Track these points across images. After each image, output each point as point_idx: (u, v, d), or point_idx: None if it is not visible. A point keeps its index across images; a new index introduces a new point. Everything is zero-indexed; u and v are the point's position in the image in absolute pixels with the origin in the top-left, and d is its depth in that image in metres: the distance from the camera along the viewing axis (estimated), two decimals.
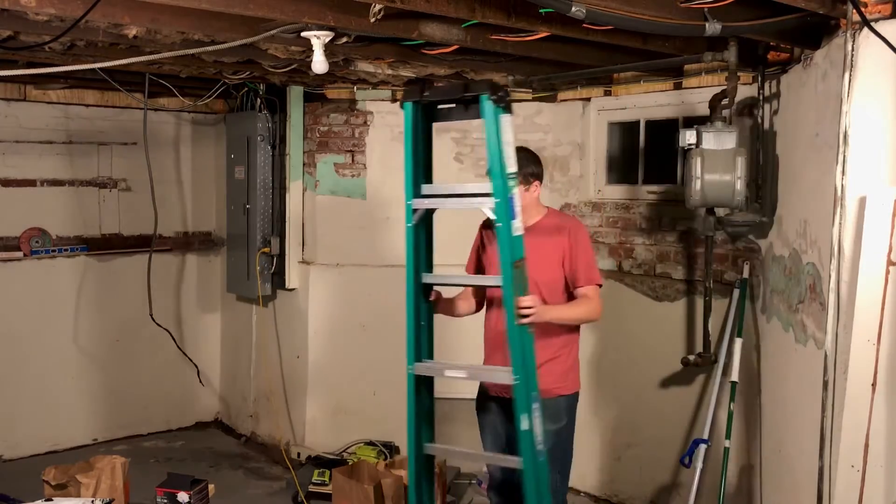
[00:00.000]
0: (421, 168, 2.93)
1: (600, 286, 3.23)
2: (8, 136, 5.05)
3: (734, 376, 3.83)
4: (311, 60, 3.11)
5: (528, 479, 2.80)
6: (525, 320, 2.77)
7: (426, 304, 2.99)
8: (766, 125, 3.76)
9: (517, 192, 2.73)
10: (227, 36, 3.13)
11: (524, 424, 2.74)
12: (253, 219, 5.24)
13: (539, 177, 3.25)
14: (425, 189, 2.90)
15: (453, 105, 2.82)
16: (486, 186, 2.73)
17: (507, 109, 2.70)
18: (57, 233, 5.28)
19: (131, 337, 5.55)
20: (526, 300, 2.78)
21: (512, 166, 2.70)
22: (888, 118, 2.59)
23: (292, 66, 3.98)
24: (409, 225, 2.91)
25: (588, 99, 4.65)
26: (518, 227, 2.74)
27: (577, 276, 3.17)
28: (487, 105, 2.64)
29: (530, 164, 3.19)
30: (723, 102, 3.54)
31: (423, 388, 2.98)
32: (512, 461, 2.90)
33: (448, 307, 3.25)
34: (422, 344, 2.99)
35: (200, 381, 5.78)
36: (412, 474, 3.06)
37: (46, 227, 5.23)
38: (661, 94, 4.28)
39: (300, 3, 2.71)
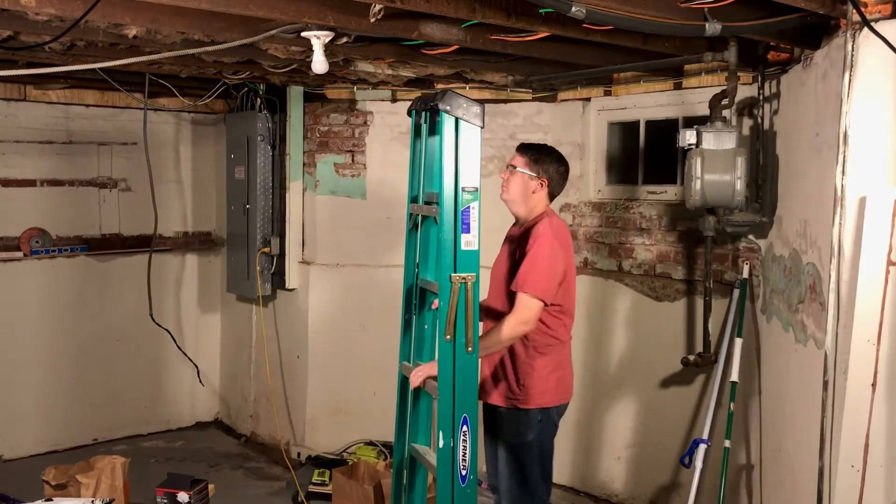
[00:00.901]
0: (420, 174, 2.94)
1: (542, 301, 2.98)
2: (8, 136, 5.05)
3: (734, 376, 3.83)
4: (311, 60, 3.11)
5: (440, 500, 2.72)
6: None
7: (430, 309, 2.97)
8: (766, 125, 3.76)
9: (474, 206, 2.69)
10: (227, 36, 3.13)
11: (440, 442, 2.70)
12: (253, 219, 5.24)
13: (549, 176, 3.16)
14: (427, 195, 2.94)
15: None
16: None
17: (475, 121, 2.67)
18: (57, 233, 5.28)
19: (131, 337, 5.55)
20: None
21: (471, 181, 2.68)
22: (888, 118, 2.59)
23: (292, 66, 3.98)
24: (407, 229, 3.01)
25: (588, 99, 4.65)
26: (471, 242, 2.69)
27: (516, 280, 3.01)
28: (444, 116, 2.64)
29: (546, 162, 3.16)
30: (723, 102, 3.55)
31: (419, 388, 2.99)
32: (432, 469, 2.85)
33: None
34: (410, 345, 3.01)
35: (200, 381, 5.78)
36: (394, 469, 3.10)
37: (46, 227, 5.23)
38: (661, 94, 4.28)
39: (300, 3, 2.71)
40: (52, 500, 3.67)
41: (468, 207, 2.68)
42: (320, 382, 5.13)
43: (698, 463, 3.80)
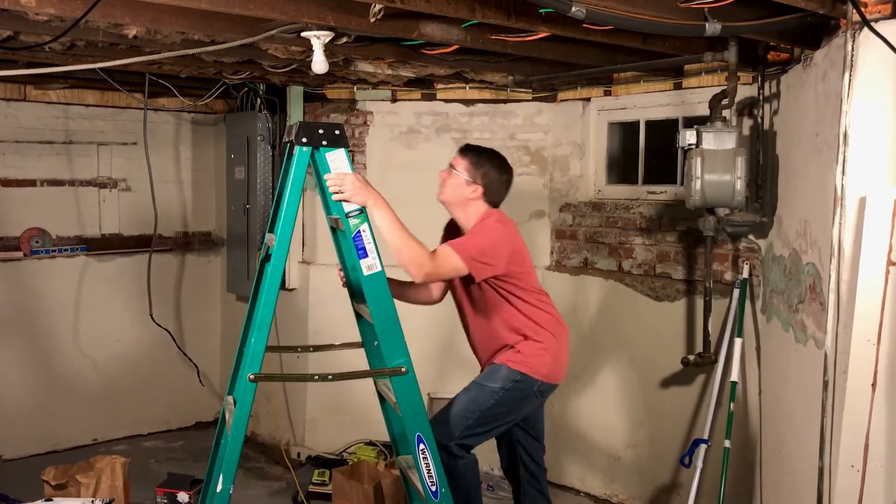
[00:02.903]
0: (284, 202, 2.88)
1: (461, 262, 2.90)
2: (8, 136, 5.05)
3: (734, 376, 3.83)
4: (311, 60, 3.10)
5: None
6: (336, 196, 2.70)
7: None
8: (766, 125, 3.76)
9: (364, 228, 2.63)
10: (227, 36, 3.13)
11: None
12: (253, 219, 5.24)
13: (486, 183, 3.12)
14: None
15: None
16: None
17: (338, 143, 2.63)
18: (57, 233, 5.28)
19: (131, 337, 5.55)
20: (331, 177, 2.69)
21: (353, 204, 2.63)
22: (888, 118, 2.59)
23: (292, 66, 3.98)
24: (259, 259, 2.93)
25: (588, 99, 4.65)
26: (372, 265, 2.63)
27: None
28: (299, 150, 2.56)
29: (485, 167, 3.13)
30: (723, 102, 3.54)
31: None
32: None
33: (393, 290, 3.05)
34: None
35: (200, 382, 5.77)
36: None
37: (46, 227, 5.23)
38: (661, 94, 4.28)
39: (300, 3, 2.71)
40: (52, 500, 3.67)
41: (358, 231, 2.60)
42: (320, 382, 5.12)
43: (698, 463, 3.80)
